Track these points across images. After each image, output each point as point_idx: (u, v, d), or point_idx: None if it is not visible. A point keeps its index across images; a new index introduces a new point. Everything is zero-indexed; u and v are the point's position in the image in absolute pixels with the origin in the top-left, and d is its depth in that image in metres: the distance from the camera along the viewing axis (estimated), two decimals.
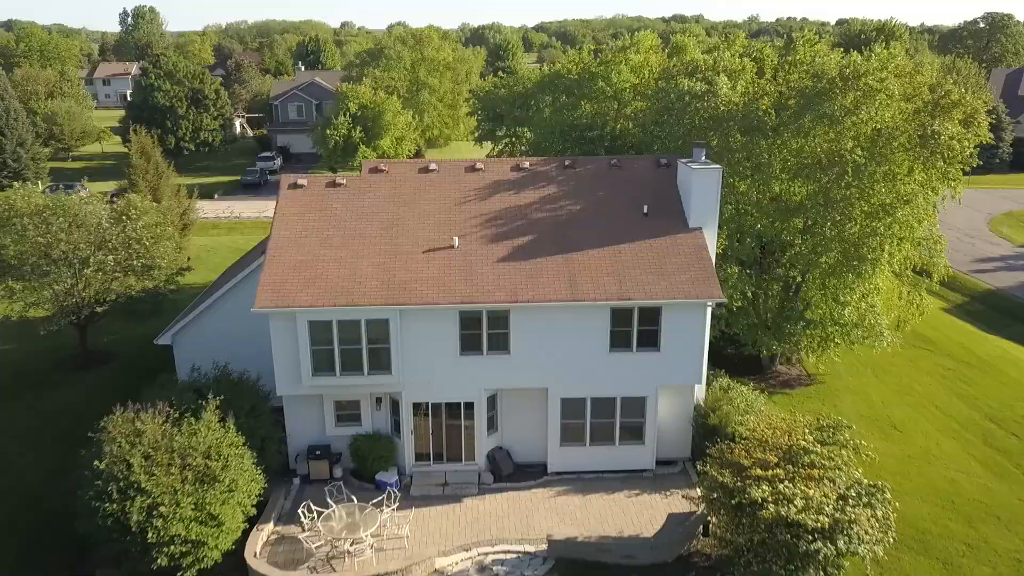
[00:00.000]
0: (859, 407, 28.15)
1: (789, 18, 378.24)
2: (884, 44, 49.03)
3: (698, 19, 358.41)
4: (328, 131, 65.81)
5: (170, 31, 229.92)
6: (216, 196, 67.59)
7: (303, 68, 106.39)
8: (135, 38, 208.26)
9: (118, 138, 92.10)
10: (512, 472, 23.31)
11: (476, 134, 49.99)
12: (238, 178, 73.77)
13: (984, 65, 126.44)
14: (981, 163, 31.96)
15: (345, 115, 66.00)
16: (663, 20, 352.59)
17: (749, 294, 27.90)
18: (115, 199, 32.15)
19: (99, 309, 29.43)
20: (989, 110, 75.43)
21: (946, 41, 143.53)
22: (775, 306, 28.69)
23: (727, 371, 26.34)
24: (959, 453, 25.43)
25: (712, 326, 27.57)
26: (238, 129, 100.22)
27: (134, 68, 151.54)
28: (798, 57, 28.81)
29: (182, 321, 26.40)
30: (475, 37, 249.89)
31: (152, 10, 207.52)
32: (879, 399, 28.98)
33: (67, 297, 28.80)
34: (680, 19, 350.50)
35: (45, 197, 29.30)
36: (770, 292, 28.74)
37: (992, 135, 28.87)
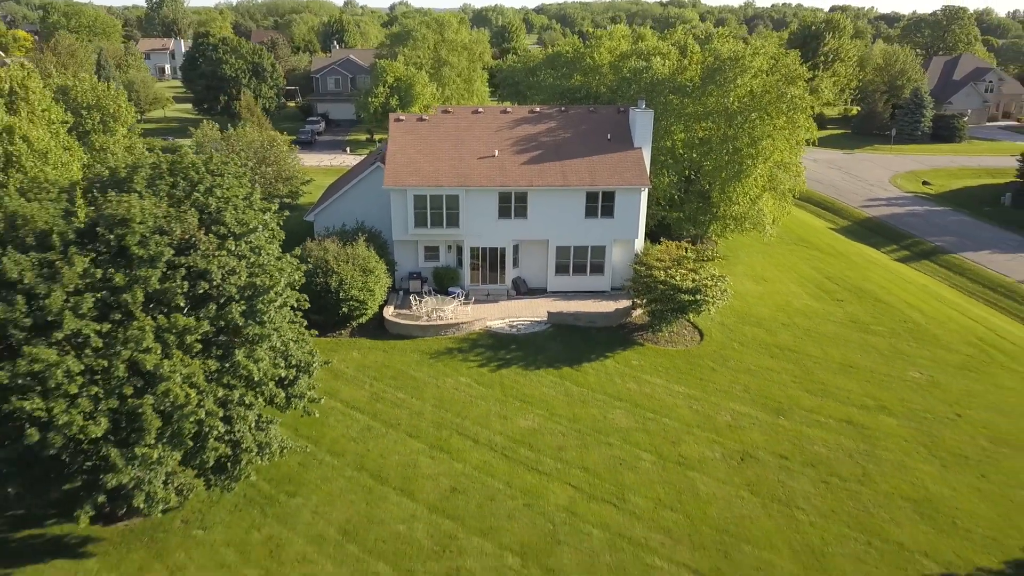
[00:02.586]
0: (746, 270, 44.32)
1: (784, 3, 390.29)
2: (832, 35, 66.99)
3: (695, 3, 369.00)
4: (370, 99, 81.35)
5: (189, 7, 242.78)
6: None
7: (337, 46, 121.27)
8: (161, 15, 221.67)
9: (184, 105, 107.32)
10: (527, 291, 39.42)
11: (497, 100, 65.57)
12: (292, 137, 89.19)
13: (941, 52, 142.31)
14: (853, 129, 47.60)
15: (383, 86, 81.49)
16: (660, 4, 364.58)
17: (677, 198, 43.95)
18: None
19: None
20: (913, 91, 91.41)
21: (908, 31, 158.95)
22: (695, 207, 44.65)
23: None
24: (799, 290, 41.67)
25: (653, 218, 43.82)
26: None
27: (171, 43, 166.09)
28: (713, 45, 44.61)
29: (320, 207, 42.31)
30: (478, 18, 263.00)
31: None
32: (760, 267, 45.19)
33: None
34: (678, 4, 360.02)
35: (221, 131, 45.16)
36: (692, 198, 44.70)
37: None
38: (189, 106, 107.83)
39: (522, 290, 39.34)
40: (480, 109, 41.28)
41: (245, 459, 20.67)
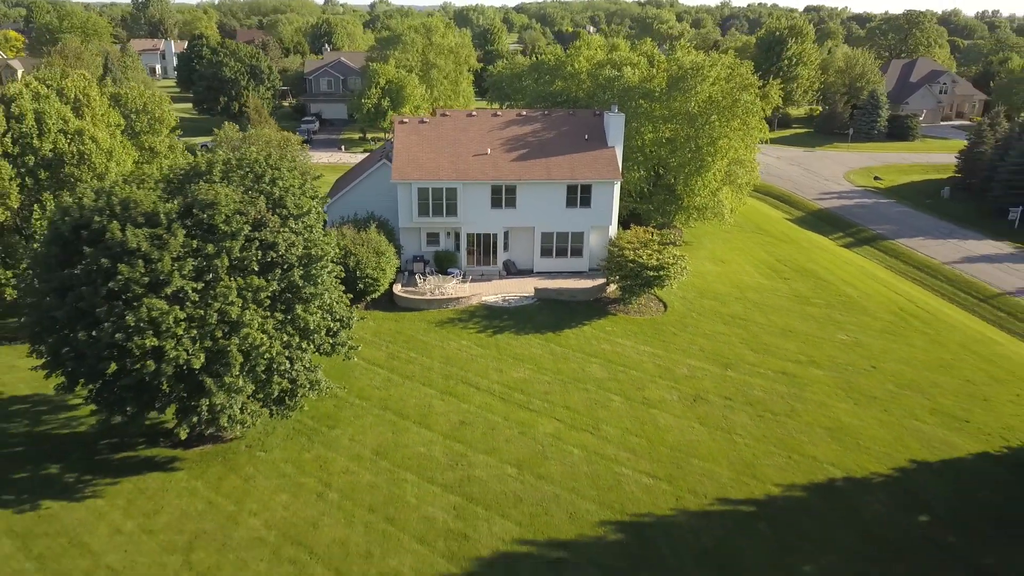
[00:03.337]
0: (707, 253, 50.49)
1: (760, 4, 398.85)
2: (795, 40, 74.22)
3: (672, 3, 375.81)
4: (363, 100, 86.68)
5: (173, 5, 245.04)
6: None
7: (328, 48, 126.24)
8: (147, 15, 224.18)
9: (179, 105, 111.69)
10: (516, 271, 45.26)
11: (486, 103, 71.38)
12: (303, 138, 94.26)
13: (903, 55, 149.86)
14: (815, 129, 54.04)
15: (376, 88, 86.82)
16: (638, 4, 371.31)
17: (646, 191, 50.01)
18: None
19: None
20: (871, 92, 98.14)
21: (873, 33, 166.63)
22: (662, 198, 50.71)
23: None
24: (752, 271, 47.88)
25: (625, 209, 49.84)
26: None
27: (162, 44, 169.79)
28: (676, 55, 50.67)
29: (333, 198, 47.82)
30: (459, 18, 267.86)
31: None
32: (719, 250, 51.39)
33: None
34: (655, 4, 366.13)
35: (242, 131, 50.45)
36: (659, 191, 50.77)
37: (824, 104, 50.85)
38: (187, 106, 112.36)
39: (512, 271, 45.15)
40: (474, 112, 47.03)
41: (300, 393, 26.34)
